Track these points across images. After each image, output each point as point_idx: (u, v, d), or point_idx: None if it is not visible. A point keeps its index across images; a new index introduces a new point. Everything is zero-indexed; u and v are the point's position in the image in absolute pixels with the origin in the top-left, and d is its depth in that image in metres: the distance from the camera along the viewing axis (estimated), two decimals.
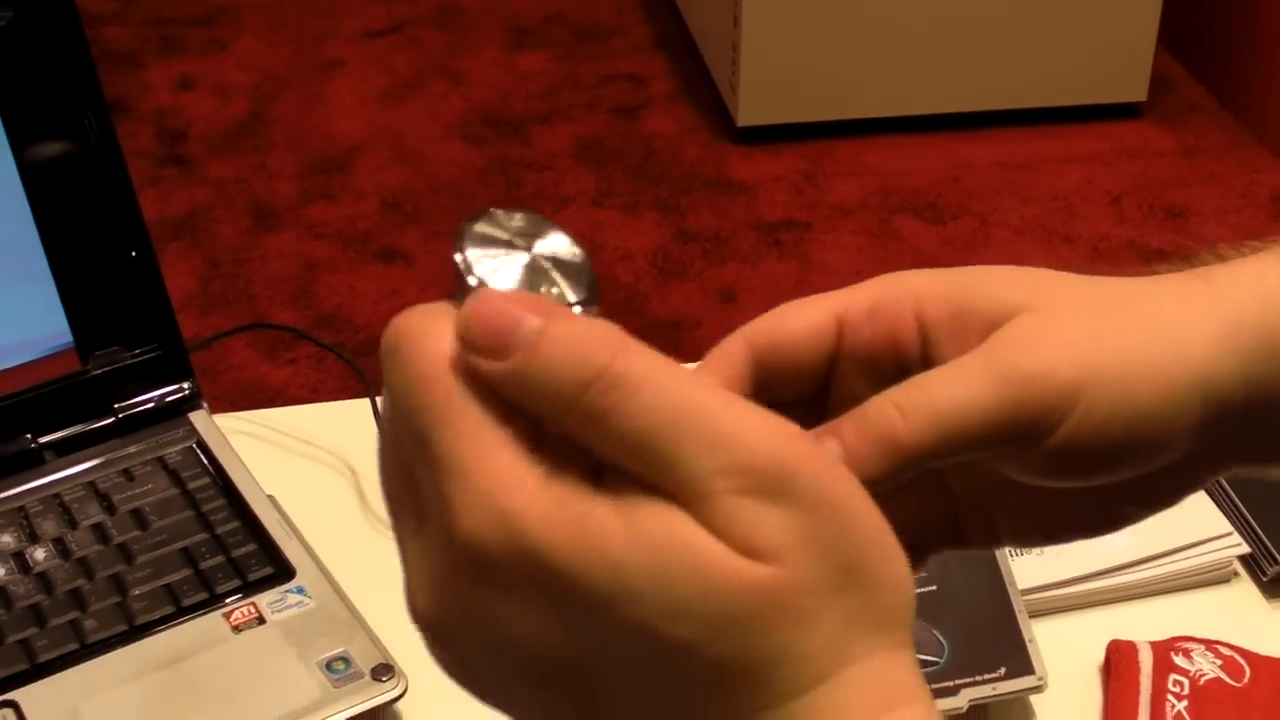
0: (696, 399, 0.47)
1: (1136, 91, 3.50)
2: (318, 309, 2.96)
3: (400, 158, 3.41)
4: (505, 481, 0.47)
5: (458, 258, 0.48)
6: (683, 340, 2.86)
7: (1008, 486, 0.63)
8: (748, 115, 3.40)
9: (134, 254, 1.21)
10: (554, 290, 0.47)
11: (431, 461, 0.48)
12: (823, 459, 0.50)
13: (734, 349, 0.62)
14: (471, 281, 0.47)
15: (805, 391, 0.63)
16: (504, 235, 0.49)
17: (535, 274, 0.48)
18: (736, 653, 0.48)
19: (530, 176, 3.33)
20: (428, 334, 0.49)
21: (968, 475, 0.63)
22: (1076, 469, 0.61)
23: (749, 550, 0.47)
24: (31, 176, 1.16)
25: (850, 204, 3.25)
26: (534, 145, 3.44)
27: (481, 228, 0.49)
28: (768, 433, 0.48)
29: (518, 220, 0.49)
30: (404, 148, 3.44)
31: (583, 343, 0.47)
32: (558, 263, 0.48)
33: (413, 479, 0.50)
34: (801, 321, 0.63)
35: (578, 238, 0.49)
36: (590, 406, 0.47)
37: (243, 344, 2.79)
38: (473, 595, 0.49)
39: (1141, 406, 0.60)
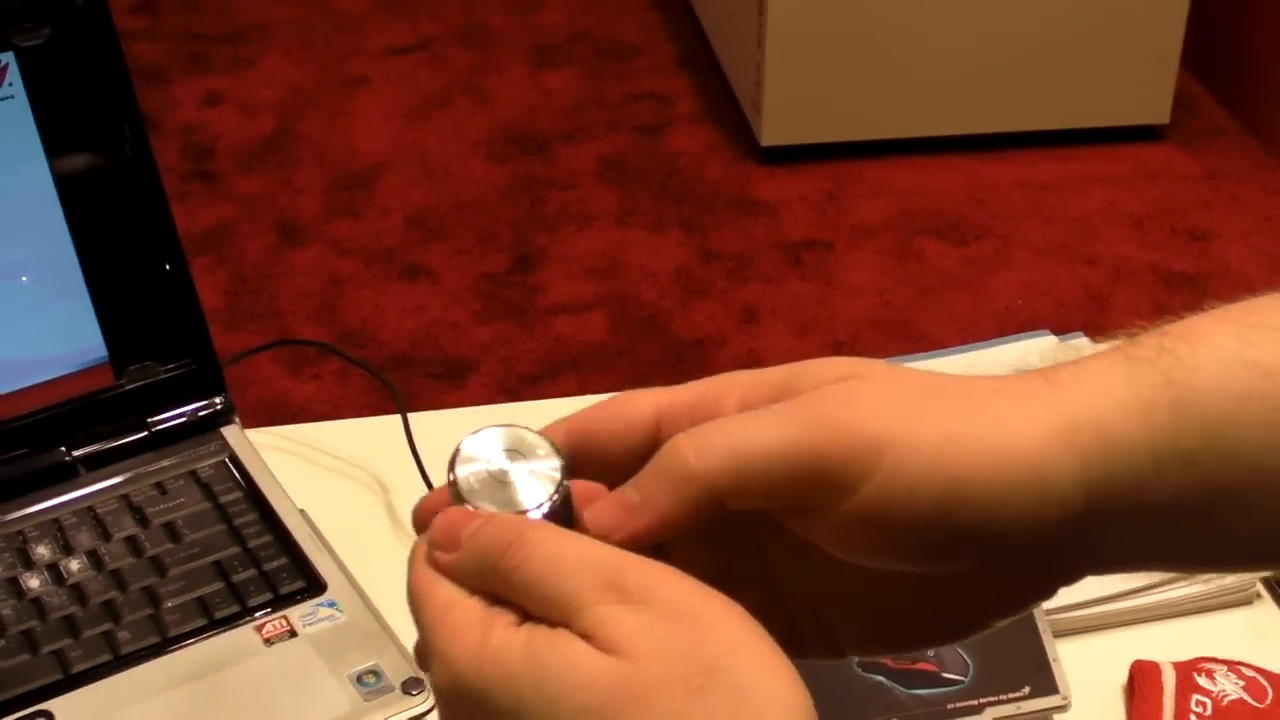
0: (572, 547, 0.59)
1: (1159, 114, 3.51)
2: (342, 325, 2.97)
3: (425, 175, 3.42)
4: (451, 637, 0.59)
5: (450, 476, 0.63)
6: (705, 360, 2.87)
7: (845, 588, 0.63)
8: (771, 135, 3.41)
9: (168, 270, 1.22)
10: (516, 497, 0.62)
11: (418, 629, 0.62)
12: (686, 580, 0.57)
13: (555, 437, 0.65)
14: (451, 495, 0.63)
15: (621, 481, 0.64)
16: (490, 453, 0.63)
17: (503, 486, 0.62)
18: None
19: (554, 194, 3.35)
20: (419, 546, 0.63)
21: (802, 577, 0.63)
22: (892, 542, 0.60)
23: (610, 648, 0.55)
24: (68, 192, 1.18)
25: (873, 224, 3.26)
26: (558, 163, 3.46)
27: (471, 447, 0.63)
28: (635, 560, 0.58)
29: (509, 439, 0.63)
30: (429, 165, 3.46)
31: (497, 533, 0.60)
32: (530, 473, 0.62)
33: None
34: (621, 417, 0.65)
35: (600, 258, 0.60)
36: (501, 571, 0.59)
37: (266, 359, 2.81)
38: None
39: (959, 481, 0.59)
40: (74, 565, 1.12)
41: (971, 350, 1.34)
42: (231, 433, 1.23)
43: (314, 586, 1.11)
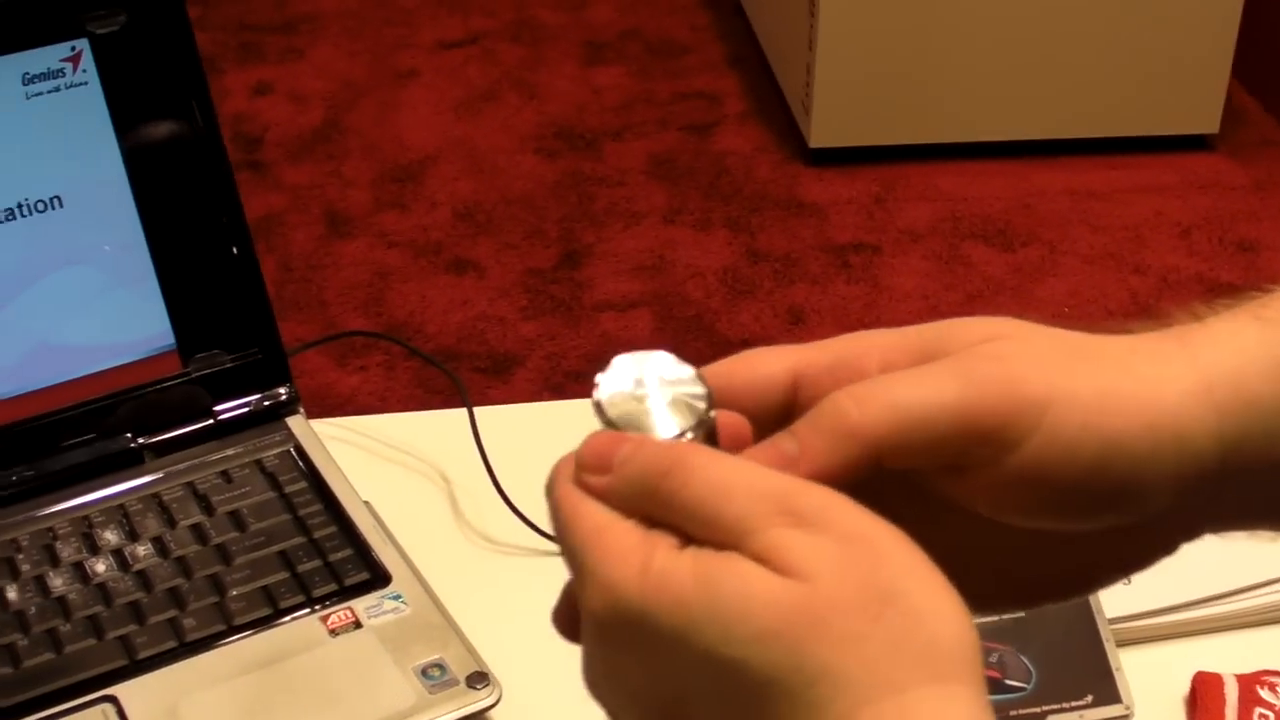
0: (739, 470, 0.58)
1: (1209, 124, 3.50)
2: (389, 317, 2.97)
3: (473, 169, 3.43)
4: (609, 560, 0.58)
5: (596, 396, 0.62)
6: None
7: (975, 543, 0.63)
8: (820, 137, 3.40)
9: (236, 258, 1.23)
10: (662, 422, 0.61)
11: (565, 553, 0.60)
12: (856, 506, 0.56)
13: None
14: (597, 419, 0.62)
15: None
16: (634, 379, 0.62)
17: (648, 412, 0.61)
18: (779, 669, 0.54)
19: (602, 192, 3.35)
20: (561, 468, 0.61)
21: (934, 537, 0.62)
22: (1047, 501, 0.60)
23: (787, 571, 0.55)
24: (139, 179, 1.18)
25: (920, 228, 3.25)
26: (606, 160, 3.46)
27: (615, 372, 0.63)
28: (805, 485, 0.57)
29: (654, 365, 0.63)
30: (477, 159, 3.46)
31: (654, 456, 0.59)
32: (675, 401, 0.61)
33: None
34: (756, 373, 0.64)
35: (646, 256, 0.59)
36: (662, 494, 0.58)
37: (314, 350, 2.81)
38: (599, 654, 0.60)
39: (1115, 437, 0.59)
40: (140, 551, 1.13)
41: None
42: (296, 423, 1.23)
43: (379, 578, 1.11)
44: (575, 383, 2.82)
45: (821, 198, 3.34)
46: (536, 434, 1.29)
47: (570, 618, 0.62)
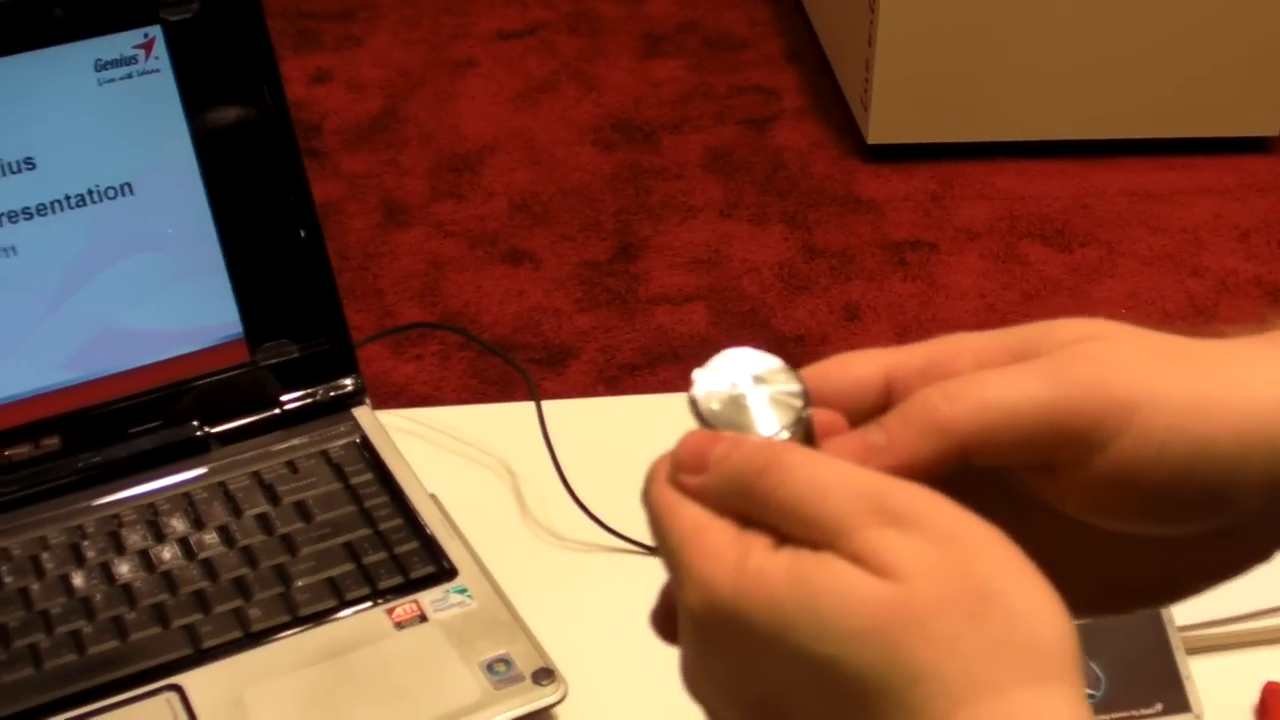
0: (833, 470, 0.58)
1: (1270, 125, 3.48)
2: (444, 307, 2.97)
3: (530, 160, 3.42)
4: (706, 559, 0.58)
5: (691, 394, 0.62)
6: (806, 356, 2.83)
7: (1068, 550, 0.62)
8: (878, 133, 3.39)
9: (305, 248, 1.22)
10: (758, 421, 0.61)
11: (663, 554, 0.60)
12: (951, 504, 0.56)
13: None
14: (692, 417, 0.62)
15: None
16: (729, 377, 0.62)
17: (743, 410, 0.62)
18: (875, 668, 0.53)
19: (659, 184, 3.34)
20: (658, 468, 0.62)
21: (1022, 539, 0.62)
22: (1136, 503, 0.60)
23: (883, 571, 0.54)
24: (210, 167, 1.18)
25: (977, 227, 3.24)
26: (664, 153, 3.45)
27: (710, 370, 0.63)
28: (899, 483, 0.57)
29: (749, 363, 0.63)
30: (534, 150, 3.46)
31: (750, 455, 0.59)
32: (771, 399, 0.62)
33: None
34: (849, 375, 0.64)
35: (702, 250, 0.59)
36: (758, 493, 0.58)
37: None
38: (697, 653, 0.60)
39: (1204, 440, 0.59)
40: (206, 540, 1.13)
41: None
42: (362, 414, 1.23)
43: (445, 572, 1.11)
44: (630, 376, 2.82)
45: (879, 194, 3.33)
46: (601, 428, 1.29)
47: (668, 619, 0.62)
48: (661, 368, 2.84)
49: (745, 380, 0.62)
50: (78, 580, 1.10)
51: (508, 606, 1.09)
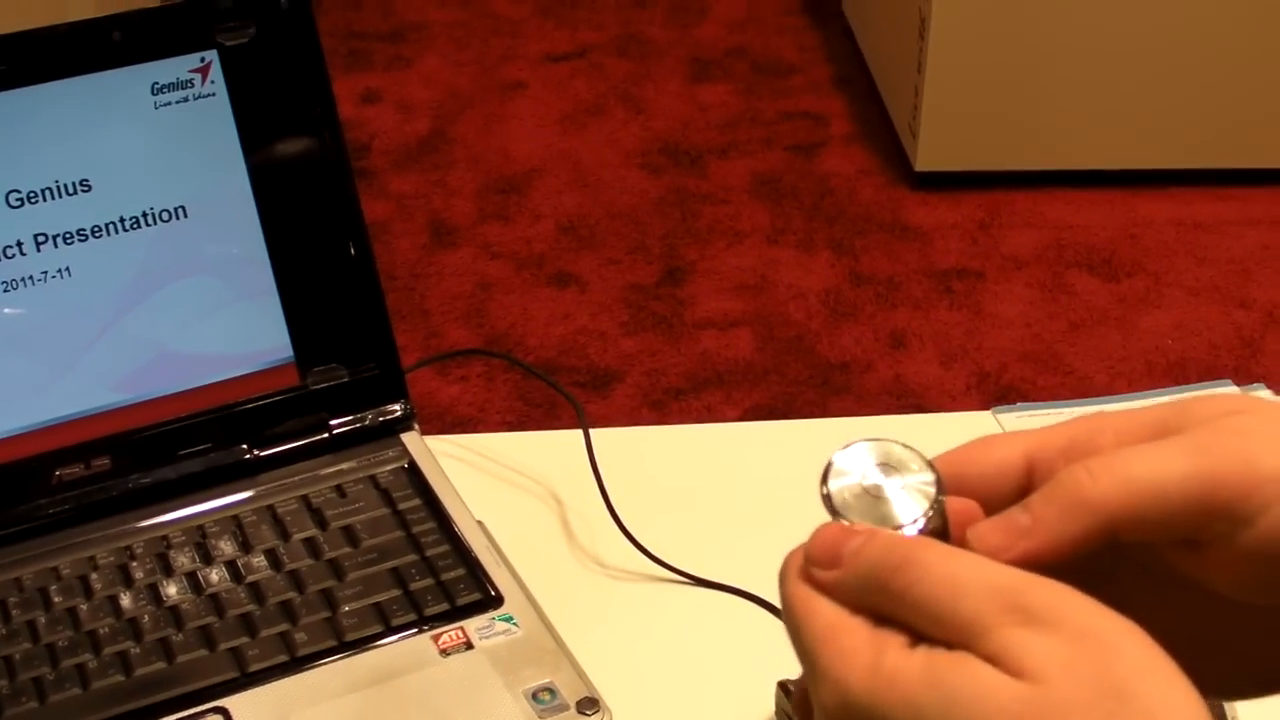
0: (969, 566, 0.58)
1: None
2: (490, 329, 2.98)
3: (578, 182, 3.43)
4: (841, 659, 0.58)
5: (824, 490, 0.62)
6: (851, 383, 2.86)
7: (1214, 624, 0.63)
8: (926, 160, 3.39)
9: (357, 274, 1.23)
10: (892, 512, 0.61)
11: (797, 650, 0.61)
12: (1088, 600, 0.56)
13: None
14: (825, 510, 0.62)
15: None
16: (862, 467, 0.62)
17: (877, 501, 0.61)
18: None
19: (706, 209, 3.34)
20: (791, 561, 0.62)
21: (1168, 617, 0.61)
22: None
23: (1020, 672, 0.54)
24: (263, 191, 1.19)
25: (1024, 256, 3.23)
26: (711, 178, 3.46)
27: (843, 461, 0.62)
28: (1036, 580, 0.57)
29: (881, 453, 0.63)
30: (582, 173, 3.46)
31: (884, 550, 0.59)
32: (905, 488, 0.61)
33: None
34: (991, 459, 0.64)
35: (749, 275, 0.59)
36: (893, 590, 0.58)
37: (413, 360, 2.81)
38: None
39: None
40: (254, 563, 1.13)
41: (1154, 395, 1.32)
42: (411, 439, 1.24)
43: (491, 599, 1.11)
44: (675, 400, 2.82)
45: (926, 222, 3.33)
46: (648, 458, 1.29)
47: (808, 711, 0.62)
48: (706, 392, 2.84)
49: (877, 471, 0.62)
50: (125, 601, 1.10)
51: (553, 635, 1.09)
